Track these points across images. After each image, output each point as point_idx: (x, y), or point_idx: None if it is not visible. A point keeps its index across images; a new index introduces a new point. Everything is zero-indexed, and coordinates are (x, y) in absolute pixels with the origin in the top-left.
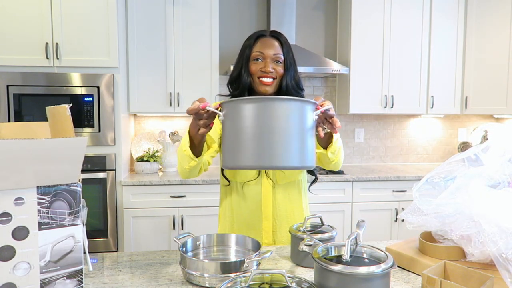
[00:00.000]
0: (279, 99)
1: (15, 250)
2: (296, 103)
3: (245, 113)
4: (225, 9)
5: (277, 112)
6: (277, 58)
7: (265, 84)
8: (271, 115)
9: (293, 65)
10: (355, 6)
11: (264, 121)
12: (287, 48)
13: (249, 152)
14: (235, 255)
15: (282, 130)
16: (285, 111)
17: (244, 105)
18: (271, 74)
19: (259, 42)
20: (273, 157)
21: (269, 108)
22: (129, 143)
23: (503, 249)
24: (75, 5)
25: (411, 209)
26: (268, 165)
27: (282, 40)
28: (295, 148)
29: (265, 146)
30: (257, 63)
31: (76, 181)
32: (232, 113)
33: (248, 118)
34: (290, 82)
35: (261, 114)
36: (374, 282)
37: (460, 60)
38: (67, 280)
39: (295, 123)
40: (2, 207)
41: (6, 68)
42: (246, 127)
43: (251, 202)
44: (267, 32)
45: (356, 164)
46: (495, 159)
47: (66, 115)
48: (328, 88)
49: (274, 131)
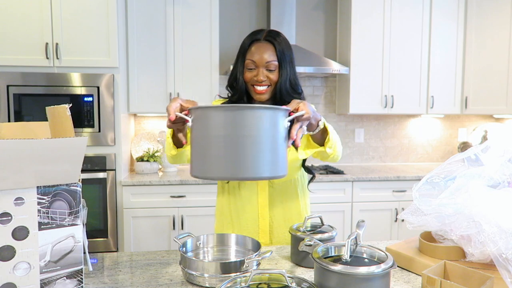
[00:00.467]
0: (247, 107)
1: (15, 250)
2: (266, 112)
3: (212, 122)
4: (225, 9)
5: (245, 122)
6: (270, 66)
7: (258, 93)
8: (239, 124)
9: (290, 68)
10: (355, 6)
11: (232, 130)
12: (282, 51)
13: (215, 163)
14: (235, 255)
15: (251, 140)
16: (254, 120)
17: (212, 113)
18: (264, 82)
19: (253, 48)
20: (241, 168)
21: (237, 117)
22: (129, 143)
23: (503, 249)
24: (75, 5)
25: (411, 209)
26: (236, 176)
27: (277, 42)
28: (266, 158)
29: (232, 156)
30: (250, 71)
31: (76, 181)
32: (199, 120)
33: (215, 127)
34: (284, 87)
35: (228, 123)
36: (374, 282)
37: (460, 60)
38: (67, 280)
39: (265, 133)
40: (2, 207)
41: (6, 68)
42: (213, 136)
43: (247, 201)
44: (262, 35)
45: (356, 164)
46: (495, 159)
47: (66, 115)
48: (328, 88)
49: (243, 141)
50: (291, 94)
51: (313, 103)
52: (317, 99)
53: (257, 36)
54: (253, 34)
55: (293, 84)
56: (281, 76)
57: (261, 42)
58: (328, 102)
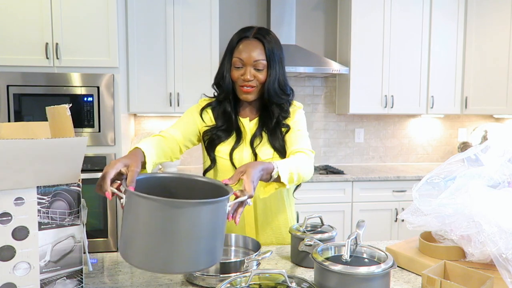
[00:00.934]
0: (186, 204)
1: (15, 250)
2: (206, 206)
3: (146, 212)
4: (225, 9)
5: (182, 218)
6: (258, 65)
7: (245, 92)
8: (175, 220)
9: (279, 68)
10: (355, 6)
11: (167, 225)
12: (272, 50)
13: (144, 252)
14: (235, 255)
15: (187, 236)
16: (192, 216)
17: (146, 204)
18: (251, 82)
19: (241, 46)
20: (173, 263)
21: (173, 213)
22: (129, 143)
23: (503, 249)
24: (75, 5)
25: (411, 209)
26: (166, 270)
27: (267, 40)
28: (202, 251)
29: (164, 251)
30: (238, 70)
31: (76, 181)
32: (132, 206)
33: (148, 218)
34: (272, 87)
35: (163, 218)
36: (374, 282)
37: (460, 60)
38: (67, 280)
39: (204, 227)
40: (2, 207)
41: (6, 68)
42: (145, 225)
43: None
44: (251, 33)
45: (356, 164)
46: (495, 159)
47: (66, 115)
48: (328, 88)
49: (178, 236)
50: (279, 95)
51: (313, 103)
52: (317, 99)
53: (246, 33)
54: (242, 31)
55: (281, 85)
56: (269, 76)
57: (250, 39)
58: (328, 102)
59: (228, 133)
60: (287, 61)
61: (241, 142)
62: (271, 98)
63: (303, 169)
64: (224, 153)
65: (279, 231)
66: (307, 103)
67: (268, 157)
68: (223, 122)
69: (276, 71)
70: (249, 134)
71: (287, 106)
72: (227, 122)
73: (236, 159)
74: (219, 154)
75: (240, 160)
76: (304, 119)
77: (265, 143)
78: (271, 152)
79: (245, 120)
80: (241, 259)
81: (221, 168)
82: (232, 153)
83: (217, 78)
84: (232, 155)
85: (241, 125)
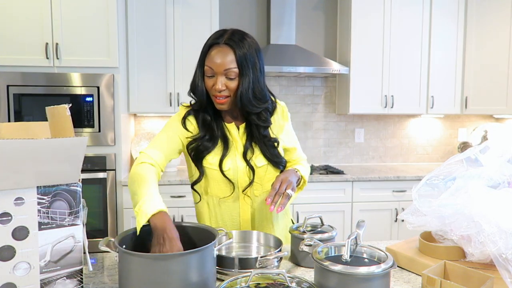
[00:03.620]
0: (170, 257)
1: (15, 250)
2: (192, 257)
3: (135, 267)
4: (225, 9)
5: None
6: (229, 74)
7: (218, 103)
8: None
9: (253, 75)
10: (355, 6)
11: (155, 278)
12: (244, 57)
13: None
14: (257, 252)
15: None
16: (178, 268)
17: (133, 259)
18: (223, 92)
19: (212, 52)
20: None
21: (160, 266)
22: (129, 143)
23: (503, 249)
24: (75, 5)
25: (411, 209)
26: None
27: (239, 46)
28: None
29: None
30: (210, 79)
31: (76, 181)
32: (123, 262)
33: (139, 272)
34: (245, 96)
35: (150, 271)
36: (374, 282)
37: (460, 60)
38: (67, 280)
39: (193, 275)
40: (2, 207)
41: (6, 68)
42: (136, 282)
43: (228, 216)
44: (223, 38)
45: (356, 164)
46: (494, 159)
47: (66, 115)
48: (328, 88)
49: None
50: (253, 104)
51: (313, 103)
52: (317, 99)
53: (218, 39)
54: (214, 36)
55: (257, 93)
56: (241, 84)
57: (221, 46)
58: (328, 102)
59: (213, 142)
60: (288, 61)
61: (230, 149)
62: (244, 107)
63: (307, 176)
64: (214, 164)
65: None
66: (307, 103)
67: (263, 164)
68: (205, 132)
69: (249, 78)
70: (240, 142)
71: (266, 115)
72: (210, 131)
73: (228, 169)
74: (208, 166)
75: (234, 170)
76: (292, 130)
77: (258, 155)
78: (265, 163)
79: (231, 126)
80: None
81: (211, 178)
82: (222, 163)
83: (191, 86)
84: (221, 165)
85: (227, 132)
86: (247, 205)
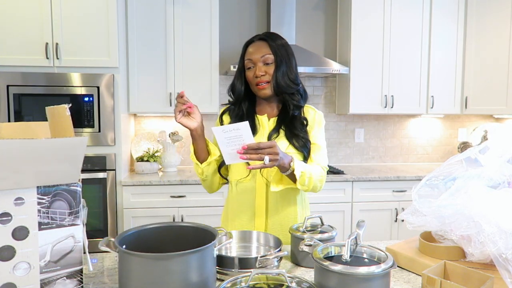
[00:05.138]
0: (170, 256)
1: (15, 250)
2: (192, 257)
3: (135, 267)
4: (225, 9)
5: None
6: (266, 60)
7: (261, 89)
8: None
9: (286, 60)
10: (355, 6)
11: (154, 277)
12: (277, 46)
13: None
14: (256, 252)
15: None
16: (178, 268)
17: (133, 259)
18: (263, 77)
19: (248, 50)
20: None
21: (159, 266)
22: (129, 143)
23: (503, 249)
24: (75, 5)
25: (411, 209)
26: None
27: (271, 39)
28: None
29: None
30: (250, 70)
31: (76, 181)
32: (122, 262)
33: (138, 272)
34: (281, 79)
35: (149, 271)
36: (374, 282)
37: (460, 60)
38: (67, 280)
39: (193, 275)
40: (2, 207)
41: (6, 68)
42: (136, 281)
43: (244, 199)
44: (257, 37)
45: (356, 164)
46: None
47: (65, 115)
48: (328, 88)
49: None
50: (289, 85)
51: (313, 103)
52: (317, 99)
53: (253, 38)
54: (247, 41)
55: (291, 76)
56: (278, 69)
57: (256, 42)
58: (328, 102)
59: None
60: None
61: (255, 134)
62: (280, 89)
63: (315, 176)
64: None
65: (287, 220)
66: (307, 103)
67: (284, 146)
68: (235, 120)
69: (284, 63)
70: (267, 130)
71: (298, 97)
72: (239, 119)
73: None
74: None
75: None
76: (324, 135)
77: (282, 138)
78: (285, 146)
79: (263, 117)
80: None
81: (234, 164)
82: None
83: (231, 85)
84: None
85: (258, 122)
86: (263, 185)
